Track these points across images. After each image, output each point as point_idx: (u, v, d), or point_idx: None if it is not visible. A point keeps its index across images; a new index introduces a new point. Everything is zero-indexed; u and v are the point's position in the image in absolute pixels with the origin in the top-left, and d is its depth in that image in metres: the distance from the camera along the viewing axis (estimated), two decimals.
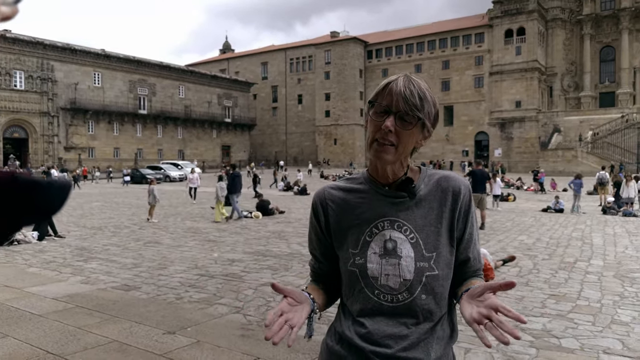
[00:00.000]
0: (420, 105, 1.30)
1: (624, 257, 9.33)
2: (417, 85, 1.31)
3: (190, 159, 57.47)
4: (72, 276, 7.57)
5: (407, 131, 1.31)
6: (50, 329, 4.96)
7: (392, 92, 1.31)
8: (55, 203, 0.48)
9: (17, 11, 0.46)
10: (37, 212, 0.47)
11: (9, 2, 0.45)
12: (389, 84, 1.33)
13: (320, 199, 1.49)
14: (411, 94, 1.29)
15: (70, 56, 52.25)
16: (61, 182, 0.49)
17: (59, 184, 0.49)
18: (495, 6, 61.06)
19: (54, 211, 0.48)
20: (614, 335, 4.97)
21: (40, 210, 0.47)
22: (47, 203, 0.47)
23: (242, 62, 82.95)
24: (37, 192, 0.45)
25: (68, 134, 52.32)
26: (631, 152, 46.88)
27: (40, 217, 0.50)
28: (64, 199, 0.49)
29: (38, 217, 0.44)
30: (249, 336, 4.85)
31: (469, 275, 1.43)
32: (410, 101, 1.29)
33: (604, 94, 61.86)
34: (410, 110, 1.29)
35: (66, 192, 0.50)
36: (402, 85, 1.30)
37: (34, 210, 0.46)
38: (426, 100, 1.31)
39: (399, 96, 1.30)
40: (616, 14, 59.87)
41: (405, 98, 1.29)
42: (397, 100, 1.30)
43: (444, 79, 64.52)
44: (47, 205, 0.47)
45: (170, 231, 12.83)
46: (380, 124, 1.31)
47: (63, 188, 0.49)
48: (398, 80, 1.31)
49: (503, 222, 15.01)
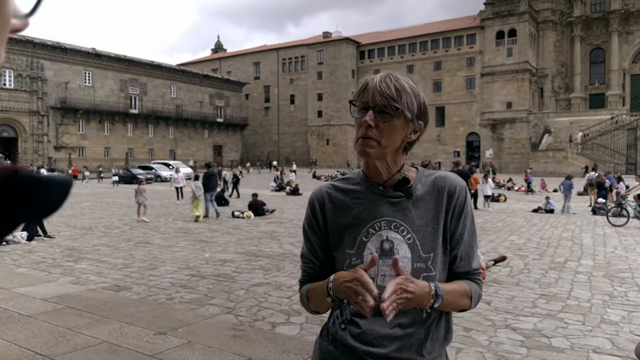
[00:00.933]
0: (397, 96, 1.31)
1: (613, 257, 9.42)
2: (394, 79, 1.33)
3: (186, 159, 57.14)
4: (61, 277, 7.51)
5: (388, 123, 1.31)
6: (40, 330, 4.91)
7: (368, 88, 1.33)
8: (56, 199, 0.47)
9: (28, 24, 0.46)
10: (37, 208, 0.46)
11: (21, 16, 0.45)
12: (367, 82, 1.35)
13: (318, 198, 1.48)
14: (387, 87, 1.31)
15: (61, 55, 51.78)
16: (61, 178, 0.48)
17: (58, 180, 0.48)
18: (486, 8, 61.40)
19: (54, 208, 0.47)
20: (603, 334, 5.01)
21: (40, 206, 0.46)
22: (47, 199, 0.46)
23: (235, 61, 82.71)
24: (37, 187, 0.44)
25: (58, 134, 51.87)
26: (620, 153, 47.34)
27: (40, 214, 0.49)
28: (65, 195, 0.48)
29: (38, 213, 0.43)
30: (241, 337, 4.84)
31: (459, 278, 1.42)
32: (386, 93, 1.30)
33: (594, 95, 62.40)
34: (387, 102, 1.30)
35: (67, 188, 0.48)
36: (378, 80, 1.33)
37: (34, 207, 0.45)
38: (404, 91, 1.32)
39: (374, 90, 1.31)
40: (606, 17, 60.41)
41: (380, 91, 1.30)
42: (374, 95, 1.31)
43: (436, 80, 64.74)
44: (48, 202, 0.47)
45: (161, 231, 12.76)
46: (361, 120, 1.32)
47: (64, 184, 0.48)
48: (375, 77, 1.34)
49: (494, 222, 15.09)
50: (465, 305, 1.39)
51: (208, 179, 16.18)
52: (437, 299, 1.29)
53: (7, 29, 0.44)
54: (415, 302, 1.26)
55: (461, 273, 1.42)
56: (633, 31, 59.82)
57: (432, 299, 1.28)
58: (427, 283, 1.30)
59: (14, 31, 0.46)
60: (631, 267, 8.40)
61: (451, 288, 1.35)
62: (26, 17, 0.46)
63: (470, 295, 1.40)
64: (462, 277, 1.43)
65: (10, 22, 0.44)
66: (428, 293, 1.28)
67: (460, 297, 1.37)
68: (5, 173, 0.43)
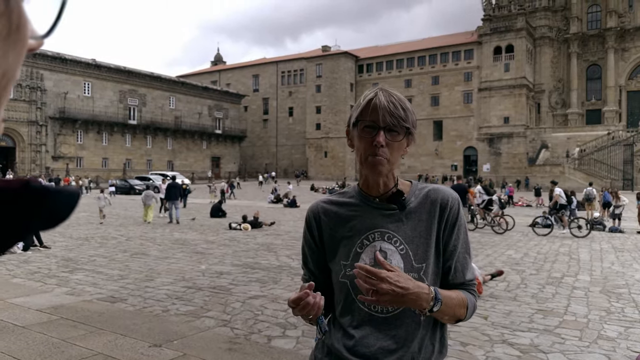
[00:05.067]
0: (405, 116, 1.35)
1: (610, 272, 9.42)
2: (397, 97, 1.36)
3: (184, 171, 56.96)
4: (57, 287, 7.46)
5: (398, 142, 1.36)
6: (34, 341, 4.87)
7: (376, 108, 1.34)
8: (65, 210, 0.48)
9: (43, 44, 0.47)
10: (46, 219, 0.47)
11: (38, 37, 0.46)
12: (372, 101, 1.36)
13: (314, 213, 1.52)
14: (395, 107, 1.34)
15: (60, 65, 51.96)
16: (70, 189, 0.50)
17: (67, 191, 0.49)
18: (484, 24, 62.00)
19: (62, 218, 0.49)
20: (600, 350, 4.99)
21: (50, 217, 0.47)
22: (57, 210, 0.48)
23: (234, 74, 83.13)
24: (47, 198, 0.46)
25: (56, 144, 51.85)
26: (617, 169, 47.51)
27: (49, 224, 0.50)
28: (73, 206, 0.49)
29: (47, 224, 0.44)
30: (236, 350, 4.81)
31: (453, 288, 1.43)
32: (396, 114, 1.33)
33: (591, 111, 62.80)
34: (397, 123, 1.34)
35: (75, 199, 0.49)
36: (384, 100, 1.34)
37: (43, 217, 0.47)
38: (408, 110, 1.37)
39: (384, 111, 1.33)
40: (602, 34, 61.07)
41: (390, 112, 1.33)
42: (384, 115, 1.33)
43: (434, 94, 65.11)
44: (57, 213, 0.48)
45: (157, 242, 12.71)
46: (371, 140, 1.34)
47: (72, 195, 0.49)
48: (379, 96, 1.35)
49: (491, 236, 15.08)
50: (461, 315, 1.40)
51: (170, 190, 17.86)
52: (436, 303, 1.29)
53: (25, 50, 0.45)
54: (411, 301, 1.26)
55: (456, 284, 1.44)
56: (629, 48, 60.45)
57: (431, 301, 1.28)
58: (427, 285, 1.31)
59: (29, 51, 0.47)
60: (628, 283, 8.39)
61: (449, 294, 1.36)
62: (42, 37, 0.47)
63: (467, 305, 1.41)
64: (457, 288, 1.44)
65: (28, 43, 0.45)
66: (427, 295, 1.28)
67: (458, 305, 1.38)
68: (17, 184, 0.45)
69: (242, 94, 76.70)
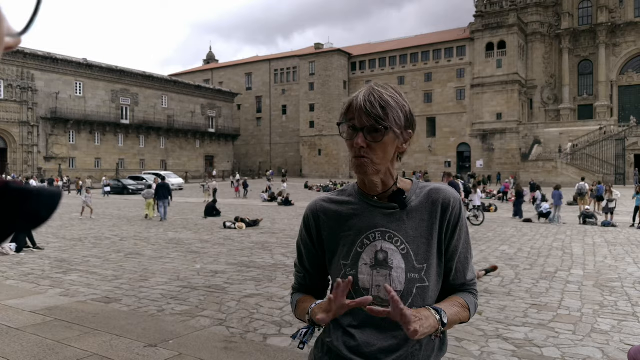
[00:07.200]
0: (384, 114, 1.30)
1: (603, 266, 9.49)
2: (377, 95, 1.31)
3: (178, 170, 56.62)
4: (51, 288, 7.42)
5: (379, 143, 1.32)
6: (28, 343, 4.84)
7: (354, 109, 1.32)
8: (46, 211, 0.48)
9: (20, 42, 0.48)
10: (27, 219, 0.47)
11: (14, 34, 0.46)
12: (352, 102, 1.34)
13: (313, 211, 1.49)
14: (372, 106, 1.29)
15: (52, 65, 51.59)
16: (51, 190, 0.49)
17: (48, 191, 0.48)
18: (476, 20, 62.13)
19: (44, 219, 0.48)
20: (594, 344, 5.04)
21: (31, 217, 0.47)
22: (38, 211, 0.47)
23: (226, 72, 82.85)
24: (28, 199, 0.45)
25: (48, 144, 51.50)
26: (609, 164, 47.83)
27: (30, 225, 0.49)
28: (54, 206, 0.49)
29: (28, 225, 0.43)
30: (232, 349, 4.80)
31: (454, 290, 1.44)
32: (373, 113, 1.29)
33: (583, 106, 63.16)
34: (375, 123, 1.30)
35: (56, 200, 0.49)
36: (361, 100, 1.31)
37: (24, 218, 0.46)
38: (390, 107, 1.31)
39: (360, 112, 1.30)
40: (593, 29, 61.37)
41: (367, 112, 1.29)
42: (360, 116, 1.30)
43: (427, 91, 65.22)
44: (38, 213, 0.47)
45: (151, 242, 12.67)
46: (352, 142, 1.33)
47: (53, 196, 0.49)
48: (358, 96, 1.32)
49: (485, 232, 15.15)
50: (465, 318, 1.40)
51: (159, 189, 19.25)
52: (443, 326, 1.28)
53: (1, 49, 0.45)
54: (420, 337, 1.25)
55: (457, 285, 1.44)
56: (620, 43, 60.79)
57: (439, 326, 1.27)
58: (434, 317, 1.26)
59: (7, 49, 0.47)
60: (621, 277, 8.46)
61: (455, 312, 1.34)
62: (19, 35, 0.47)
63: (469, 307, 1.41)
64: (458, 288, 1.44)
65: (4, 41, 0.45)
66: (435, 328, 1.26)
67: (461, 314, 1.38)
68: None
69: (235, 93, 76.48)
